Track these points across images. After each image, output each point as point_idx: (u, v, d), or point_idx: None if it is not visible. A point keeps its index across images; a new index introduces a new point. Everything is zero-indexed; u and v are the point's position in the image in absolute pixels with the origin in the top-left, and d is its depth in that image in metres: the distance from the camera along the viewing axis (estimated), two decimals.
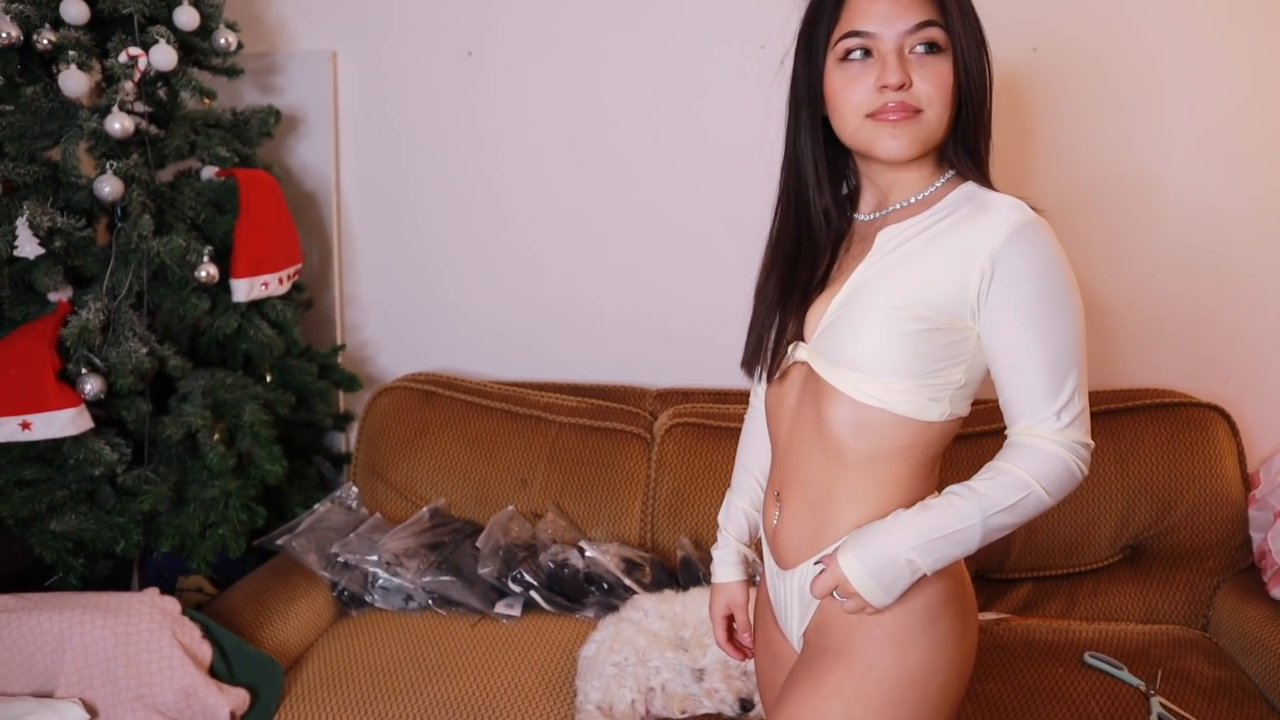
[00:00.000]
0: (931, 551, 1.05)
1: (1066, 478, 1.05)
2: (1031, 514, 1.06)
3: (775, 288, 1.23)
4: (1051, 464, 1.04)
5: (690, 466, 2.19)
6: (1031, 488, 1.03)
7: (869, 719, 1.10)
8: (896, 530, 1.06)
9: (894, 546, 1.05)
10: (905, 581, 1.06)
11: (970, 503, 1.04)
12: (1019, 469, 1.04)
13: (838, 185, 1.23)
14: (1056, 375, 1.04)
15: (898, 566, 1.05)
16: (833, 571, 1.08)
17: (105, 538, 1.95)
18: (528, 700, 1.78)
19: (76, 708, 1.63)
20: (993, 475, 1.05)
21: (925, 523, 1.05)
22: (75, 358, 1.86)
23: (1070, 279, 1.06)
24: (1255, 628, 1.91)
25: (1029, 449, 1.05)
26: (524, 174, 2.46)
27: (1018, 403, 1.07)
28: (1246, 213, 2.21)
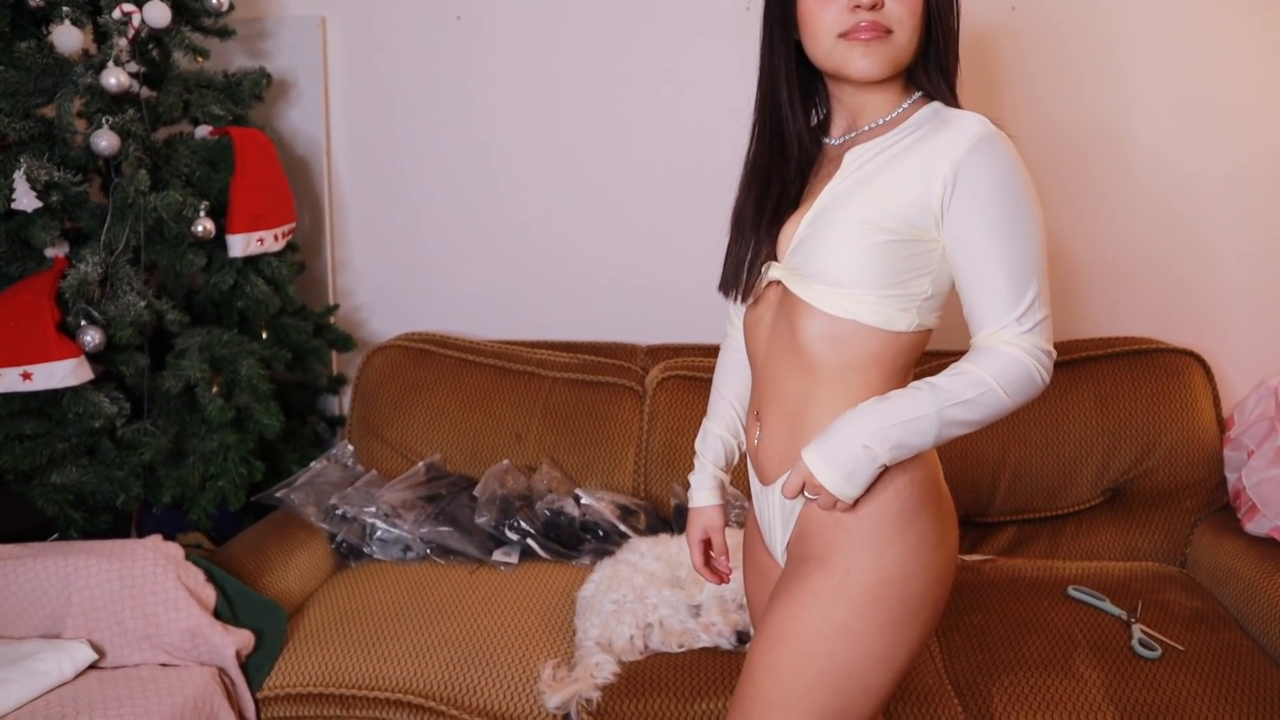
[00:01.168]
0: (887, 439, 1.08)
1: (1026, 380, 1.08)
2: (991, 412, 1.09)
3: (751, 210, 1.27)
4: (1011, 365, 1.07)
5: (682, 418, 2.23)
6: (989, 385, 1.07)
7: (848, 620, 1.14)
8: (853, 421, 1.10)
9: (850, 435, 1.09)
10: (865, 470, 1.09)
11: (926, 394, 1.08)
12: (978, 368, 1.08)
13: (810, 110, 1.27)
14: (1018, 282, 1.07)
15: (855, 454, 1.08)
16: (798, 469, 1.12)
17: (105, 491, 1.97)
18: (528, 639, 1.82)
19: (85, 647, 1.65)
20: (953, 373, 1.09)
21: (880, 412, 1.09)
22: (74, 310, 1.88)
23: (1031, 190, 1.09)
24: (1230, 560, 1.98)
25: (990, 351, 1.08)
26: (513, 137, 2.49)
27: (980, 310, 1.10)
28: (1214, 167, 2.27)
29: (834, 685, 1.17)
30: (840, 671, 1.17)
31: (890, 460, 1.09)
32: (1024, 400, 1.10)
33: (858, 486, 1.10)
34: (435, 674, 1.74)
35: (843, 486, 1.09)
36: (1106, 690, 1.65)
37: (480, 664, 1.75)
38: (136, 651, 1.69)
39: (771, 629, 1.20)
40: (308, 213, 2.56)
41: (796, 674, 1.18)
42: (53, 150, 1.92)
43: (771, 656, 1.20)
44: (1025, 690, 1.66)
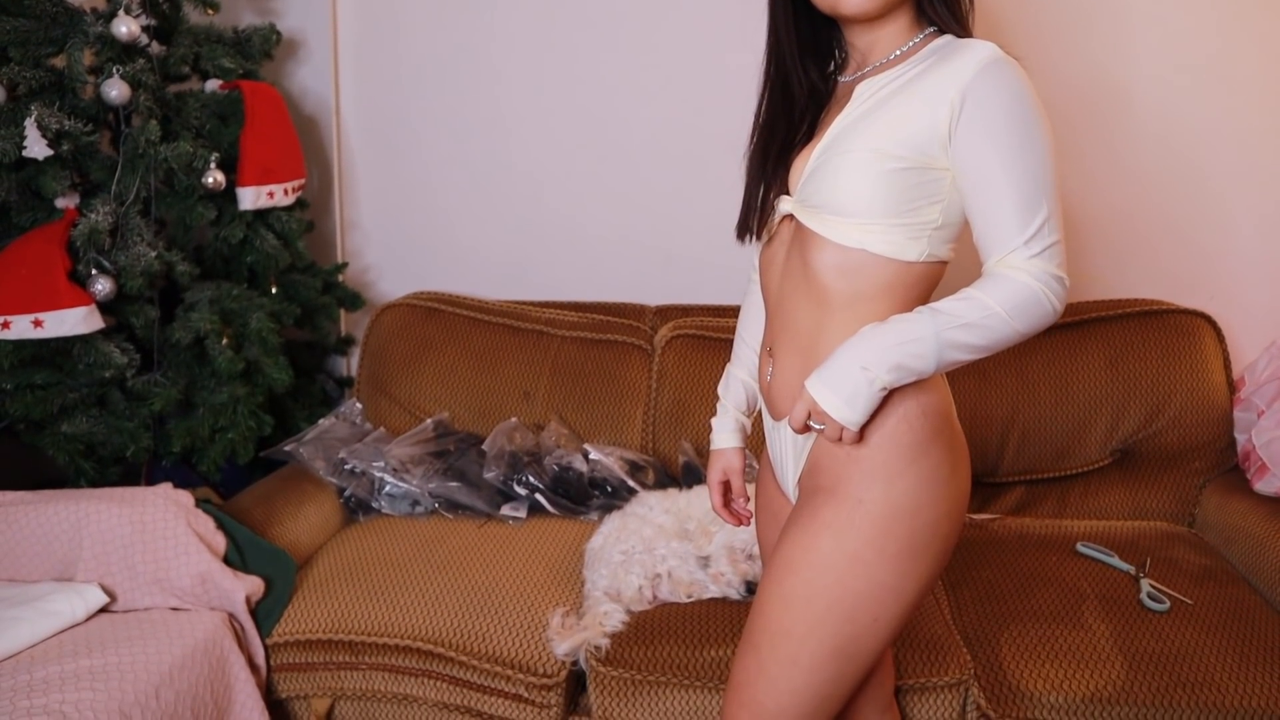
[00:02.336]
0: (884, 360, 1.07)
1: (1034, 306, 1.06)
2: (996, 338, 1.07)
3: (759, 152, 1.28)
4: (1017, 290, 1.05)
5: (691, 377, 2.23)
6: (993, 310, 1.05)
7: (859, 550, 1.15)
8: (851, 346, 1.09)
9: (847, 359, 1.09)
10: (865, 393, 1.08)
11: (925, 317, 1.07)
12: (982, 294, 1.07)
13: (823, 56, 1.27)
14: (1027, 205, 1.06)
15: (853, 377, 1.08)
16: (802, 399, 1.11)
17: (115, 442, 1.97)
18: (536, 589, 1.82)
19: (96, 590, 1.66)
20: (957, 297, 1.08)
21: (878, 335, 1.09)
22: (85, 260, 1.88)
23: (1041, 114, 1.08)
24: (1239, 519, 1.98)
25: (997, 277, 1.07)
26: (523, 97, 2.48)
27: (989, 236, 1.09)
28: (1226, 128, 2.26)
29: (845, 615, 1.17)
30: (851, 601, 1.17)
31: (890, 383, 1.08)
32: (1034, 327, 1.08)
33: (859, 411, 1.09)
34: (444, 621, 1.74)
35: (844, 411, 1.08)
36: (1115, 640, 1.65)
37: (489, 612, 1.76)
38: (147, 595, 1.70)
39: (782, 560, 1.21)
40: (316, 173, 2.55)
41: (807, 604, 1.18)
42: (63, 100, 1.91)
43: (782, 587, 1.20)
44: (1034, 640, 1.67)
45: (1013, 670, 1.62)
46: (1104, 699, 1.57)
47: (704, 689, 1.65)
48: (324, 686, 1.77)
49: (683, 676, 1.65)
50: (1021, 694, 1.59)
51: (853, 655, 1.20)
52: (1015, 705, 1.59)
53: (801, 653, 1.19)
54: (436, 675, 1.72)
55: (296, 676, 1.77)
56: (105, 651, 1.53)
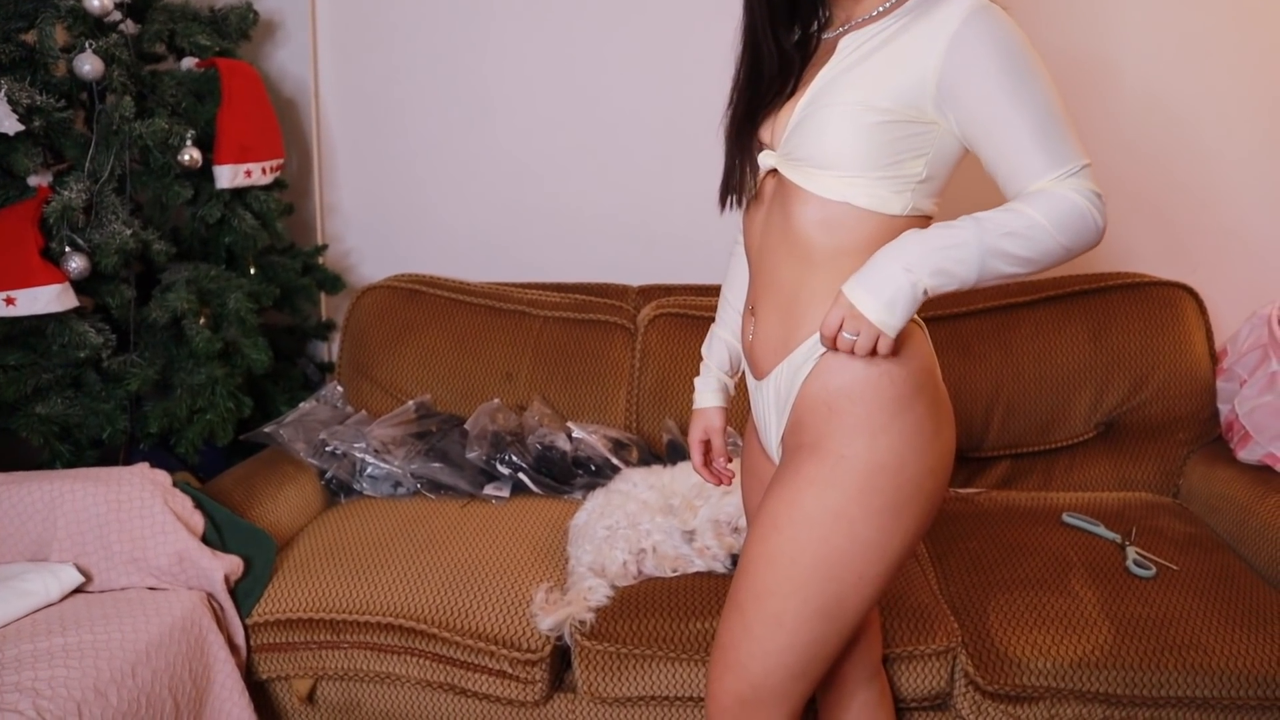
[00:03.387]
0: (927, 263, 1.04)
1: (1078, 218, 1.04)
2: (1041, 250, 1.05)
3: (735, 117, 1.27)
4: (1060, 203, 1.03)
5: (674, 355, 2.22)
6: (1036, 221, 1.03)
7: (842, 506, 1.14)
8: (892, 250, 1.07)
9: (890, 263, 1.06)
10: (906, 297, 1.05)
11: (969, 224, 1.05)
12: (1025, 206, 1.05)
13: (806, 16, 1.26)
14: (1048, 136, 1.05)
15: (895, 280, 1.05)
16: (838, 303, 1.08)
17: (91, 424, 1.94)
18: (520, 566, 1.80)
19: (71, 570, 1.63)
20: (999, 209, 1.06)
21: (920, 239, 1.06)
22: (58, 237, 1.85)
23: (1032, 50, 1.07)
24: (1223, 487, 1.98)
25: (1038, 194, 1.05)
26: (504, 78, 2.47)
27: (1017, 174, 1.07)
28: (1207, 104, 2.27)
29: (829, 573, 1.16)
30: (835, 558, 1.16)
31: (933, 288, 1.05)
32: (1079, 243, 1.05)
33: (899, 315, 1.05)
34: (427, 599, 1.72)
35: (883, 315, 1.05)
36: (1102, 606, 1.65)
37: (472, 589, 1.74)
38: (123, 575, 1.67)
39: (766, 518, 1.19)
40: (295, 156, 2.53)
41: (792, 562, 1.17)
42: (34, 76, 1.88)
43: (766, 545, 1.19)
44: (1020, 607, 1.66)
45: (1000, 637, 1.61)
46: (1092, 663, 1.56)
47: (690, 661, 1.64)
48: (305, 666, 1.74)
49: (668, 649, 1.63)
50: (1009, 660, 1.58)
51: (837, 614, 1.19)
52: (1003, 672, 1.58)
53: (785, 611, 1.18)
54: (419, 653, 1.70)
55: (277, 657, 1.74)
56: (80, 629, 1.50)
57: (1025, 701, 1.59)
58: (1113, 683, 1.56)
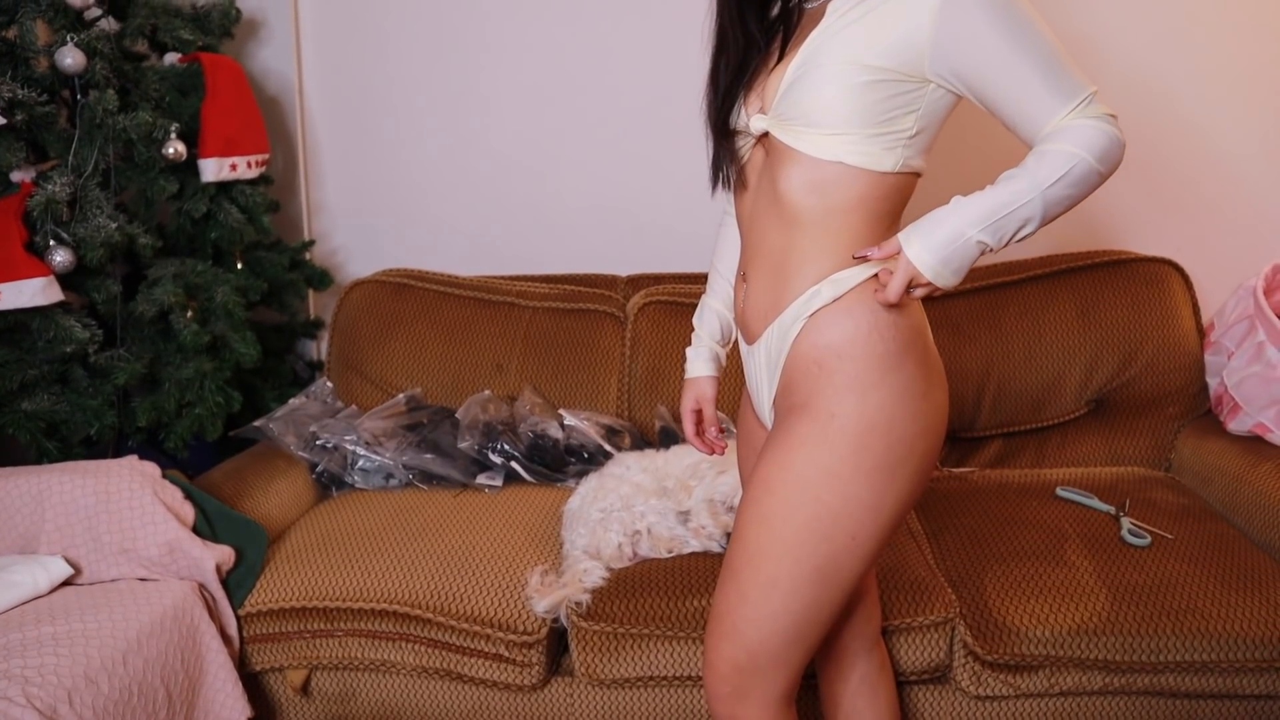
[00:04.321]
0: (999, 229, 1.05)
1: (1109, 143, 1.05)
2: (1086, 185, 1.06)
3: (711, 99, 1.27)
4: (1090, 134, 1.04)
5: (665, 343, 2.22)
6: (1079, 156, 1.04)
7: (833, 465, 1.13)
8: (959, 214, 1.06)
9: (961, 228, 1.05)
10: (972, 259, 1.07)
11: (1025, 179, 1.05)
12: (1061, 144, 1.05)
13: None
14: (1055, 76, 1.06)
15: (967, 248, 1.06)
16: (903, 266, 1.08)
17: (78, 421, 1.92)
18: (514, 551, 1.79)
19: (60, 561, 1.61)
20: (1038, 157, 1.06)
21: (987, 203, 1.06)
22: (42, 231, 1.83)
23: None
24: (1214, 458, 1.98)
25: (1064, 129, 1.05)
26: (489, 73, 2.47)
27: (1030, 117, 1.07)
28: (1189, 83, 2.29)
29: (822, 533, 1.16)
30: (828, 518, 1.15)
31: (999, 248, 1.07)
32: (1112, 166, 1.06)
33: (961, 277, 1.08)
34: (421, 585, 1.71)
35: (950, 279, 1.07)
36: (1098, 575, 1.65)
37: (467, 575, 1.72)
38: (113, 566, 1.65)
39: (759, 481, 1.19)
40: (281, 155, 2.52)
41: (784, 523, 1.17)
42: (16, 70, 1.87)
43: (759, 507, 1.19)
44: (1017, 578, 1.66)
45: (998, 608, 1.61)
46: (1090, 630, 1.56)
47: (688, 640, 1.63)
48: (299, 656, 1.73)
49: (665, 628, 1.62)
50: (1008, 630, 1.58)
51: (832, 576, 1.18)
52: (1002, 641, 1.57)
53: (780, 574, 1.17)
54: (414, 638, 1.68)
55: (270, 647, 1.73)
56: (70, 618, 1.48)
57: (1025, 671, 1.59)
58: (1111, 649, 1.56)
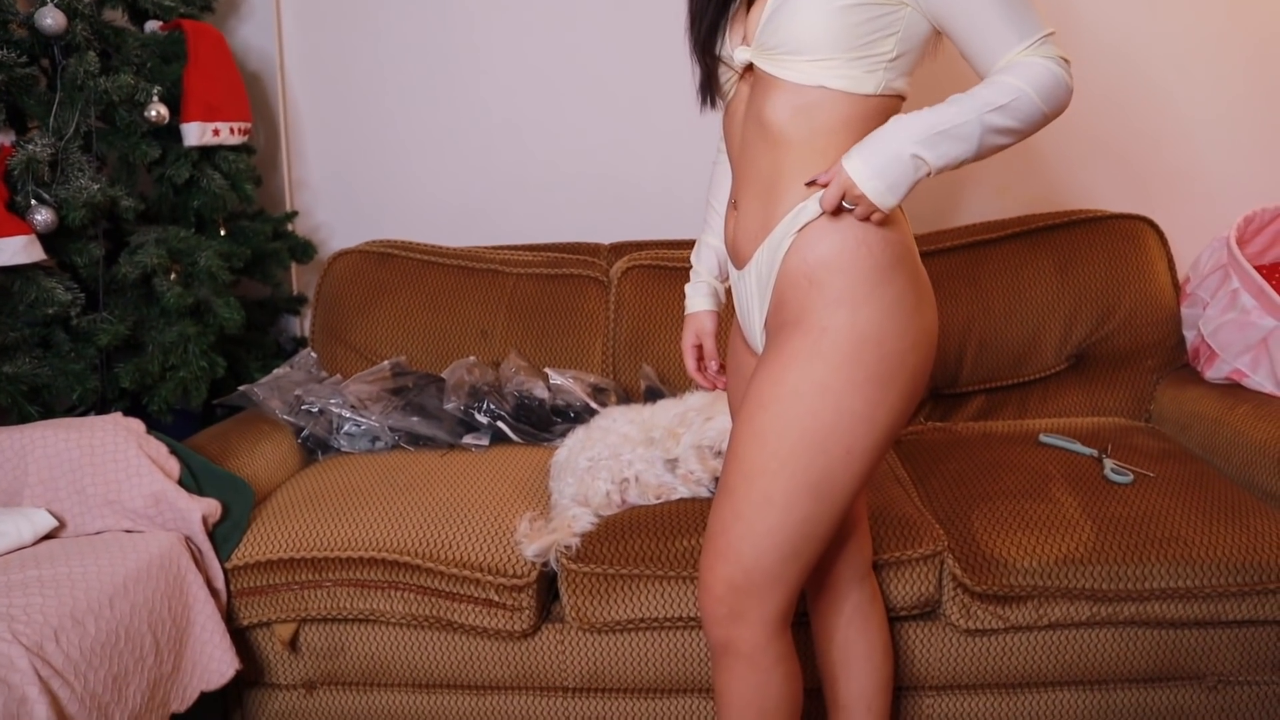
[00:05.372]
0: (934, 145, 1.08)
1: (1054, 83, 1.09)
2: (1027, 119, 1.09)
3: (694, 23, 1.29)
4: (1037, 70, 1.08)
5: (649, 306, 2.23)
6: (1021, 90, 1.07)
7: (826, 378, 1.15)
8: (898, 130, 1.10)
9: (897, 144, 1.09)
10: (909, 178, 1.09)
11: (967, 101, 1.09)
12: (1008, 77, 1.08)
13: None
14: (1013, 11, 1.09)
15: (902, 163, 1.09)
16: (838, 180, 1.11)
17: (60, 385, 1.90)
18: (503, 502, 1.79)
19: (44, 513, 1.59)
20: (984, 85, 1.10)
21: (926, 120, 1.09)
22: (23, 191, 1.82)
23: None
24: (1193, 405, 2.01)
25: (1015, 64, 1.09)
26: (470, 44, 2.49)
27: (987, 49, 1.11)
28: (1162, 45, 2.34)
29: (817, 446, 1.17)
30: (822, 430, 1.17)
31: (936, 166, 1.09)
32: (1056, 107, 1.10)
33: (899, 195, 1.10)
34: (410, 534, 1.70)
35: (886, 197, 1.10)
36: (1083, 509, 1.67)
37: (455, 523, 1.72)
38: (98, 518, 1.63)
39: (753, 398, 1.20)
40: (263, 131, 2.52)
41: (779, 438, 1.17)
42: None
43: (754, 424, 1.19)
44: (1004, 514, 1.67)
45: (985, 541, 1.62)
46: (1076, 560, 1.58)
47: (678, 579, 1.63)
48: (287, 609, 1.71)
49: (656, 568, 1.62)
50: (996, 561, 1.59)
51: (827, 490, 1.19)
52: (990, 573, 1.59)
53: (775, 489, 1.18)
54: (404, 586, 1.67)
55: (258, 601, 1.71)
56: (55, 564, 1.47)
57: (1013, 602, 1.60)
58: (1097, 578, 1.57)
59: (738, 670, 1.26)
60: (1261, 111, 2.35)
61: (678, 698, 1.73)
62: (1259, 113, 2.35)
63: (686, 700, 1.73)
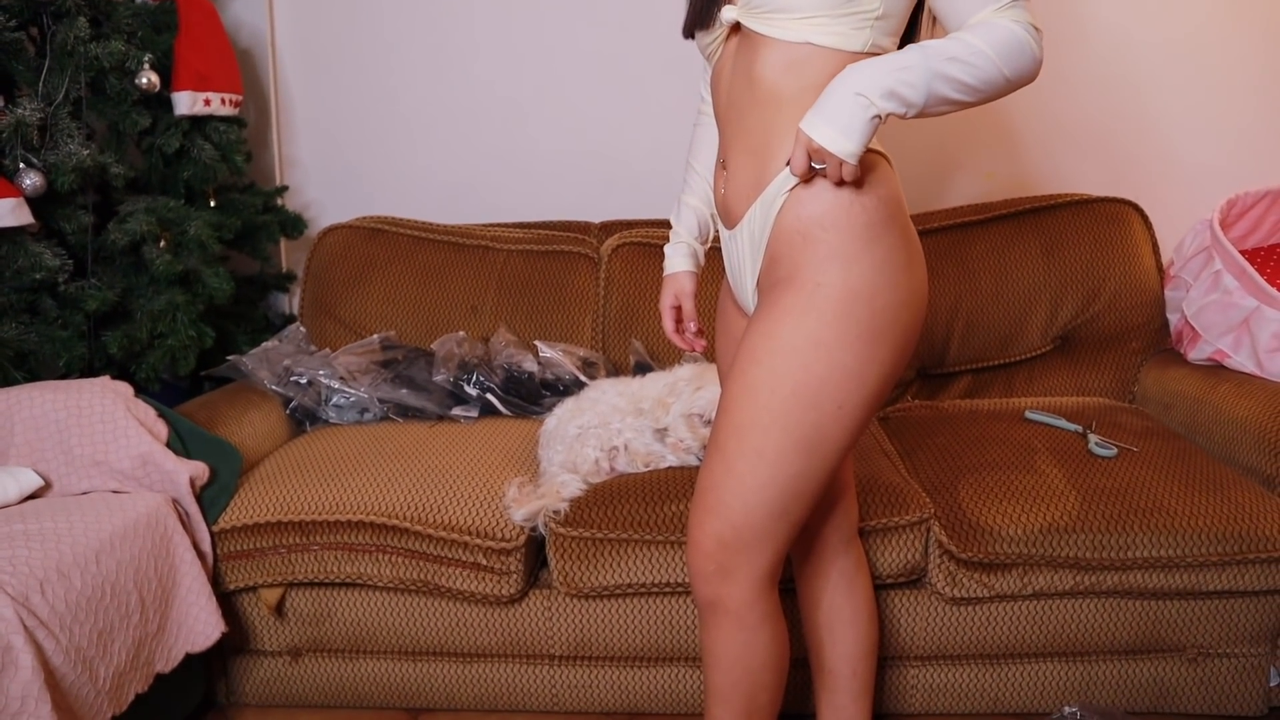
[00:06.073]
0: (877, 84, 1.07)
1: (1016, 45, 1.08)
2: (984, 77, 1.08)
3: None
4: (999, 31, 1.07)
5: (639, 282, 2.24)
6: (978, 48, 1.07)
7: (819, 332, 1.15)
8: (844, 76, 1.10)
9: (841, 88, 1.09)
10: (861, 118, 1.07)
11: (914, 49, 1.09)
12: (967, 34, 1.09)
13: None
14: None
15: (847, 105, 1.07)
16: (798, 140, 1.11)
17: (47, 351, 1.89)
18: (491, 469, 1.79)
19: (29, 472, 1.59)
20: (943, 39, 1.10)
21: (866, 64, 1.09)
22: (12, 155, 1.82)
23: None
24: (1176, 385, 2.04)
25: (980, 23, 1.09)
26: (461, 24, 2.49)
27: (958, 10, 1.11)
28: (1153, 35, 2.36)
29: (808, 400, 1.17)
30: (814, 385, 1.17)
31: (883, 110, 1.07)
32: (1019, 73, 1.08)
33: (855, 140, 1.08)
34: (399, 497, 1.70)
35: (841, 142, 1.07)
36: (1068, 480, 1.68)
37: (444, 488, 1.72)
38: (85, 479, 1.63)
39: (745, 353, 1.20)
40: (254, 108, 2.52)
41: (771, 393, 1.18)
42: None
43: (746, 378, 1.20)
44: (990, 485, 1.68)
45: (971, 509, 1.63)
46: (1061, 528, 1.59)
47: (666, 544, 1.64)
48: (273, 572, 1.71)
49: (644, 532, 1.63)
50: (981, 529, 1.60)
51: (818, 446, 1.19)
52: (976, 540, 1.60)
53: (767, 443, 1.18)
54: (391, 550, 1.67)
55: (244, 564, 1.71)
56: (41, 519, 1.46)
57: (998, 569, 1.61)
58: (1082, 546, 1.59)
59: (725, 628, 1.26)
60: (1244, 97, 2.38)
61: (665, 666, 1.73)
62: (1242, 99, 2.38)
63: (673, 669, 1.73)
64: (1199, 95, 2.39)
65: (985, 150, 2.43)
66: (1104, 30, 2.37)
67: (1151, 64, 2.38)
